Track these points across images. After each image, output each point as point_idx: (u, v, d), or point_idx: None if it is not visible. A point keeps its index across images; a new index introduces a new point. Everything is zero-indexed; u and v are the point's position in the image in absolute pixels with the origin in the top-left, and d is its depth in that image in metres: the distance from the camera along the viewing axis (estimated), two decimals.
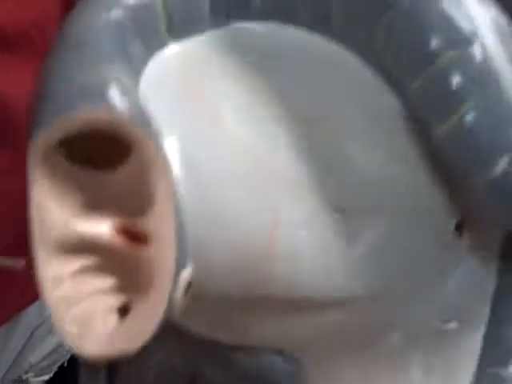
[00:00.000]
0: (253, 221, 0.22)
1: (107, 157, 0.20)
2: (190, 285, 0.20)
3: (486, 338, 0.26)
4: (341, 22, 0.23)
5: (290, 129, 0.22)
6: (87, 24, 0.21)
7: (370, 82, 0.23)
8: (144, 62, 0.23)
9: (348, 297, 0.23)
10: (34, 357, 0.57)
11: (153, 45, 0.24)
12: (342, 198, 0.22)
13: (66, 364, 0.59)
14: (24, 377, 0.59)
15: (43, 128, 0.18)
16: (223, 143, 0.22)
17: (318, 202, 0.22)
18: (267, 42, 0.24)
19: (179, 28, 0.24)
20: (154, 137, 0.19)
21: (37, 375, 0.60)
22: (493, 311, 0.26)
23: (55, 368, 0.61)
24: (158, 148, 0.19)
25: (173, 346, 0.25)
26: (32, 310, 0.53)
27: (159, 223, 0.19)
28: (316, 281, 0.22)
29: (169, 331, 0.22)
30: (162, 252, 0.19)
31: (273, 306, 0.23)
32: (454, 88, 0.21)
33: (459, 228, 0.24)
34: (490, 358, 0.26)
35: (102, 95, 0.19)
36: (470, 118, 0.21)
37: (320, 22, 0.23)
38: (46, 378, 0.62)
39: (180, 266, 0.19)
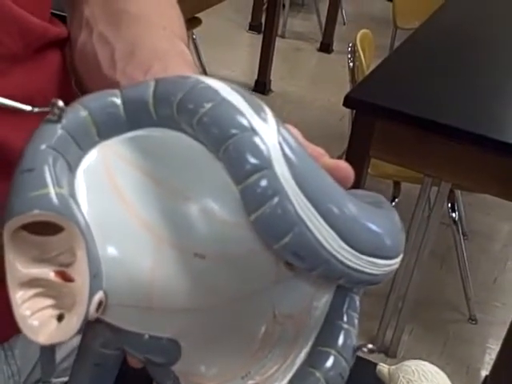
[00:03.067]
0: (140, 258, 0.34)
1: (50, 226, 0.33)
2: (101, 303, 0.34)
3: (322, 328, 0.38)
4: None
5: (164, 202, 0.34)
6: (36, 150, 0.32)
7: (218, 169, 0.33)
8: (80, 159, 0.35)
9: (202, 305, 0.35)
10: None
11: (87, 145, 0.35)
12: (198, 247, 0.34)
13: None
14: None
15: (10, 220, 0.31)
16: (124, 214, 0.34)
17: (181, 249, 0.34)
18: (158, 143, 0.35)
19: (105, 132, 0.35)
20: (76, 223, 0.32)
21: (58, 376, 0.65)
22: (329, 312, 0.38)
23: None
24: (78, 229, 0.32)
25: (108, 333, 0.38)
26: None
27: (79, 270, 0.32)
28: (181, 296, 0.34)
29: (106, 326, 0.36)
30: (81, 286, 0.32)
31: (158, 310, 0.35)
32: (259, 195, 0.31)
33: (289, 263, 0.35)
34: (321, 339, 0.37)
35: (44, 204, 0.31)
36: (267, 211, 0.31)
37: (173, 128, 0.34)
38: (67, 379, 0.64)
39: (92, 293, 0.32)
